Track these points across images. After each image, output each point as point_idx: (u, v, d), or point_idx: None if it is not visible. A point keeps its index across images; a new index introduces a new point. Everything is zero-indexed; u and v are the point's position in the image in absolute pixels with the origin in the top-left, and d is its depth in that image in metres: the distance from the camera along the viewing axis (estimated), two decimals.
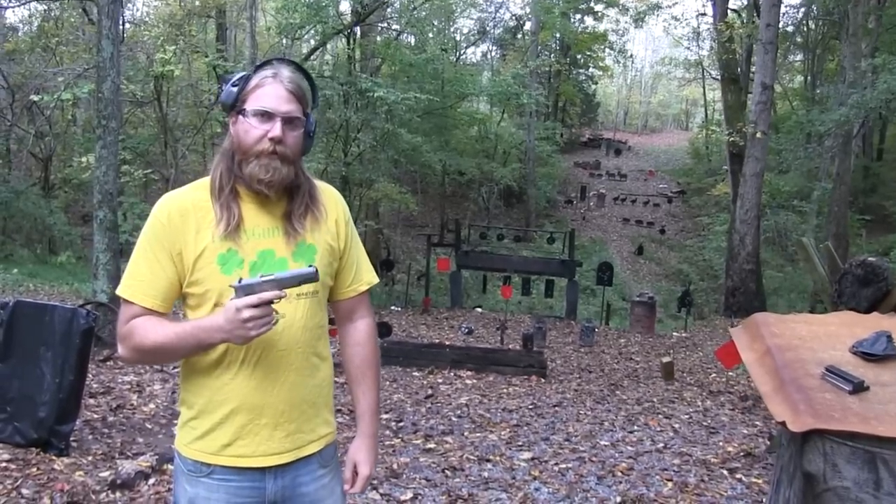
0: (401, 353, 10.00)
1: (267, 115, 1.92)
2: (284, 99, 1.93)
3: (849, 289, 5.57)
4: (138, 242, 2.01)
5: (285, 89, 1.94)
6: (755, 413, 7.95)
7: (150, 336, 1.93)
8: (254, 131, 1.93)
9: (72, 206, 24.75)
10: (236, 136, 1.97)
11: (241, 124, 1.95)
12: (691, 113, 66.05)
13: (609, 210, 35.56)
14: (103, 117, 8.69)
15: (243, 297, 1.80)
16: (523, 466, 5.63)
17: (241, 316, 1.78)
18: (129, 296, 1.98)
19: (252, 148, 1.94)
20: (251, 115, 1.93)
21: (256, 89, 1.94)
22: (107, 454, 5.21)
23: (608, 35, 42.10)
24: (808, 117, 23.10)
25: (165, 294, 1.98)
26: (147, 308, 1.97)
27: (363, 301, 2.26)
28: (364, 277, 2.24)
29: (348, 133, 18.80)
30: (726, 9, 24.92)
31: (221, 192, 1.98)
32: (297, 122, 1.97)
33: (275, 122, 1.92)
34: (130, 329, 1.96)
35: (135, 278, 1.98)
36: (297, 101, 1.96)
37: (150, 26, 21.29)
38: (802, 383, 2.04)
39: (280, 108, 1.93)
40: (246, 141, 1.94)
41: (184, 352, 1.95)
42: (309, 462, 2.08)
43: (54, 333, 5.14)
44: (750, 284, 18.92)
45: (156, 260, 1.97)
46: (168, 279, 1.97)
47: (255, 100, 1.93)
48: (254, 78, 1.96)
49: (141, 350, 1.97)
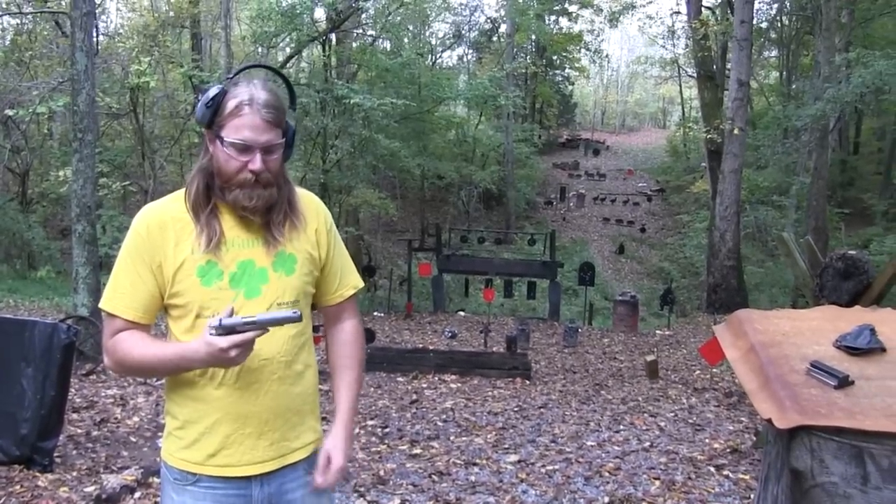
0: (385, 358, 9.98)
1: (246, 148, 1.89)
2: (262, 129, 1.90)
3: (830, 282, 5.60)
4: (119, 255, 2.01)
5: (262, 119, 1.89)
6: (740, 409, 7.99)
7: (133, 354, 1.95)
8: (233, 162, 1.91)
9: (50, 221, 24.57)
10: (216, 161, 1.94)
11: (219, 151, 1.92)
12: (668, 111, 66.43)
13: (589, 210, 35.65)
14: (79, 130, 8.63)
15: (229, 337, 1.79)
16: (510, 469, 5.61)
17: (228, 355, 1.80)
18: (111, 308, 1.98)
19: (234, 178, 1.92)
20: (229, 146, 1.90)
21: (233, 118, 1.89)
22: (91, 469, 5.18)
23: (583, 35, 42.26)
24: (784, 112, 23.28)
25: (147, 306, 1.98)
26: (129, 321, 1.98)
27: (350, 305, 2.26)
28: (350, 282, 2.23)
29: (326, 140, 18.76)
30: (700, 6, 25.07)
31: (201, 209, 1.97)
32: (276, 147, 1.94)
33: (254, 154, 1.90)
34: (115, 344, 1.98)
35: (116, 291, 1.99)
36: (274, 127, 1.93)
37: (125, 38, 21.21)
38: (788, 379, 2.04)
39: (259, 140, 1.89)
40: (226, 170, 1.92)
41: (165, 373, 1.99)
42: (295, 469, 2.08)
43: (35, 349, 5.10)
44: (731, 280, 19.03)
45: (136, 273, 1.97)
46: (149, 292, 1.97)
47: (233, 130, 1.89)
48: (229, 100, 1.91)
49: (124, 365, 2.00)
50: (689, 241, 27.92)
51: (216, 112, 1.92)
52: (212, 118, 1.93)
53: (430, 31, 33.29)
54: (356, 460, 5.75)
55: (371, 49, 21.71)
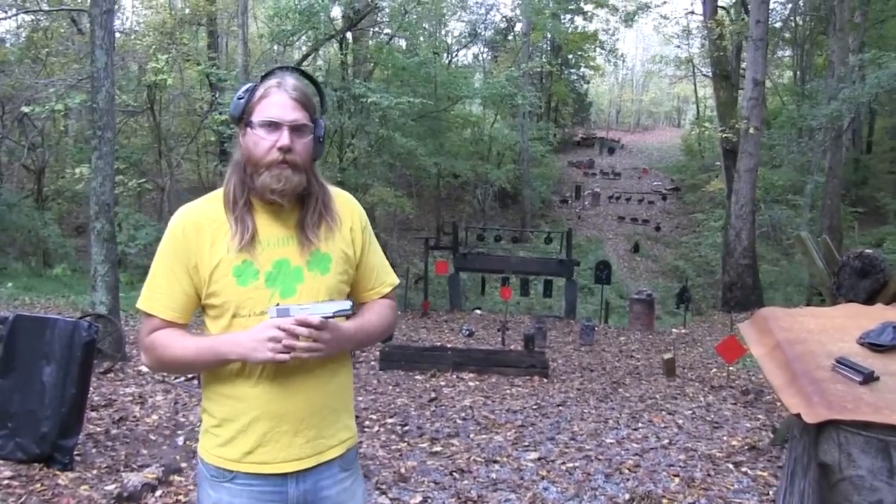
0: (402, 357, 10.01)
1: (274, 125, 1.94)
2: (290, 107, 1.96)
3: (847, 281, 5.60)
4: (156, 255, 2.07)
5: (290, 98, 1.96)
6: (757, 407, 7.99)
7: (171, 350, 2.00)
8: (262, 142, 1.95)
9: (65, 218, 24.61)
10: (246, 148, 2.00)
11: (249, 136, 1.98)
12: (683, 110, 66.23)
13: (604, 209, 35.59)
14: (98, 128, 8.69)
15: (277, 320, 1.87)
16: (531, 467, 5.65)
17: (267, 334, 1.85)
18: (148, 308, 2.04)
19: (262, 159, 1.96)
20: (259, 127, 1.95)
21: (262, 100, 1.97)
22: (111, 467, 5.19)
23: (598, 35, 42.11)
24: (799, 112, 23.18)
25: (184, 306, 2.04)
26: (166, 320, 2.03)
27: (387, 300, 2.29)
28: (386, 280, 2.27)
29: (343, 138, 18.83)
30: (716, 6, 24.96)
31: (235, 204, 2.01)
32: (304, 130, 1.99)
33: (282, 131, 1.94)
34: (152, 342, 2.03)
35: (154, 291, 2.04)
36: (303, 109, 1.98)
37: (142, 35, 21.28)
38: (814, 375, 2.07)
39: (286, 117, 1.95)
40: (256, 153, 1.97)
41: (203, 366, 2.03)
42: (331, 466, 2.11)
43: (55, 347, 5.11)
44: (747, 279, 18.98)
45: (172, 273, 2.02)
46: (185, 292, 2.03)
47: (262, 111, 1.96)
48: (259, 88, 1.99)
49: (162, 362, 2.05)
50: (705, 240, 27.84)
51: (247, 103, 1.98)
52: (243, 110, 1.99)
53: (445, 30, 33.33)
54: (377, 458, 5.80)
55: (387, 47, 21.75)
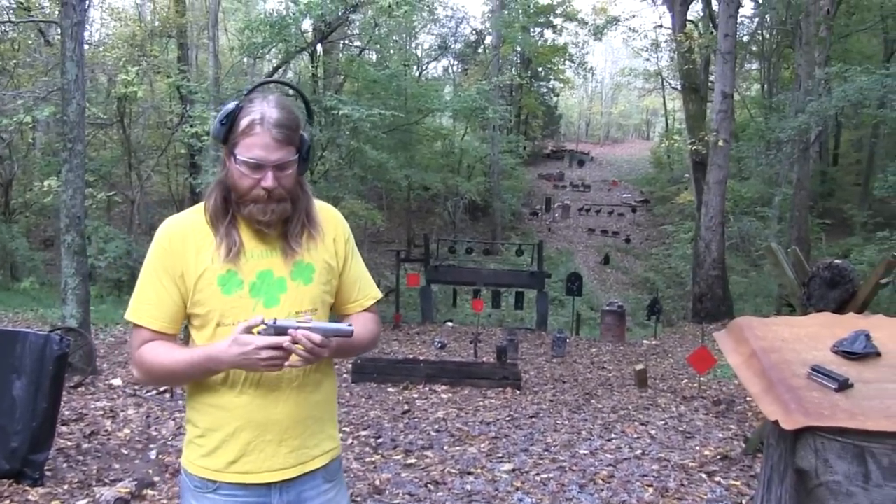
0: (375, 369, 9.99)
1: (257, 166, 1.94)
2: (273, 147, 1.93)
3: (817, 291, 5.70)
4: (143, 267, 2.07)
5: (273, 138, 1.92)
6: (729, 417, 8.05)
7: (160, 361, 2.00)
8: (246, 179, 1.95)
9: (34, 231, 24.42)
10: (231, 177, 1.99)
11: (233, 167, 1.97)
12: (652, 122, 66.83)
13: (574, 221, 35.78)
14: (69, 140, 8.62)
15: (268, 338, 1.86)
16: (505, 478, 5.65)
17: (259, 355, 1.86)
18: (137, 319, 2.04)
19: (247, 194, 1.97)
20: (242, 164, 1.94)
21: (245, 136, 1.93)
22: (83, 482, 5.15)
23: (568, 48, 42.44)
24: (767, 125, 23.48)
25: (172, 316, 2.04)
26: (155, 331, 2.03)
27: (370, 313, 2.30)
28: (369, 293, 2.29)
29: (313, 151, 18.77)
30: (684, 20, 25.26)
31: (219, 221, 2.02)
32: (288, 164, 1.98)
33: (266, 171, 1.94)
34: (142, 353, 2.02)
35: (142, 302, 2.04)
36: (287, 144, 1.96)
37: (111, 48, 21.12)
38: (790, 383, 2.10)
39: (270, 158, 1.93)
40: (240, 186, 1.97)
41: (194, 378, 2.02)
42: (314, 477, 2.12)
43: (26, 361, 5.05)
44: (717, 290, 19.13)
45: (160, 284, 2.03)
46: (173, 302, 2.03)
47: (245, 149, 1.93)
48: (242, 118, 1.95)
49: (153, 374, 2.05)
50: (675, 252, 28.10)
51: (230, 129, 1.96)
52: (226, 135, 1.97)
53: (416, 43, 33.45)
54: (351, 470, 5.78)
55: (358, 60, 21.80)
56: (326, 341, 1.90)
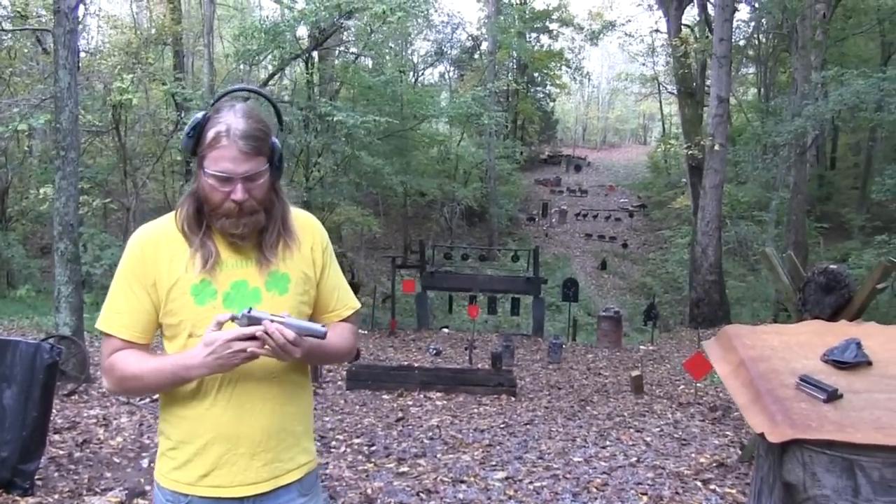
0: (369, 376, 9.94)
1: (226, 178, 1.89)
2: (241, 160, 1.88)
3: (812, 296, 5.66)
4: (115, 276, 2.03)
5: (240, 151, 1.87)
6: (725, 423, 8.01)
7: (130, 370, 1.96)
8: (216, 193, 1.91)
9: (30, 239, 24.36)
10: (202, 189, 1.95)
11: (203, 179, 1.93)
12: (649, 127, 66.79)
13: (571, 226, 35.74)
14: (62, 148, 8.59)
15: (239, 329, 1.83)
16: (498, 486, 5.61)
17: (229, 349, 1.82)
18: (107, 328, 2.01)
19: (218, 208, 1.93)
20: (210, 177, 1.90)
21: (212, 150, 1.89)
22: (74, 491, 5.11)
23: (564, 53, 42.46)
24: (763, 129, 23.46)
25: (144, 326, 2.00)
26: (126, 340, 1.99)
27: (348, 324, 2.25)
28: (347, 303, 2.23)
29: (309, 157, 18.77)
30: (680, 25, 25.29)
31: (193, 232, 1.98)
32: (258, 175, 1.93)
33: (235, 184, 1.89)
34: (112, 363, 1.99)
35: (113, 311, 2.01)
36: (255, 155, 1.91)
37: (107, 55, 21.11)
38: (778, 394, 2.06)
39: (238, 170, 1.89)
40: (211, 199, 1.93)
41: (164, 387, 1.97)
42: (289, 490, 2.08)
43: (16, 369, 5.02)
44: (714, 295, 19.11)
45: (132, 292, 1.99)
46: (146, 311, 1.99)
47: (212, 162, 1.89)
48: (208, 130, 1.90)
49: (123, 383, 2.00)
50: (672, 257, 28.08)
51: (198, 142, 1.92)
52: (194, 147, 1.93)
53: (411, 49, 33.44)
54: (343, 479, 5.73)
55: (354, 66, 21.78)
56: (299, 339, 1.86)
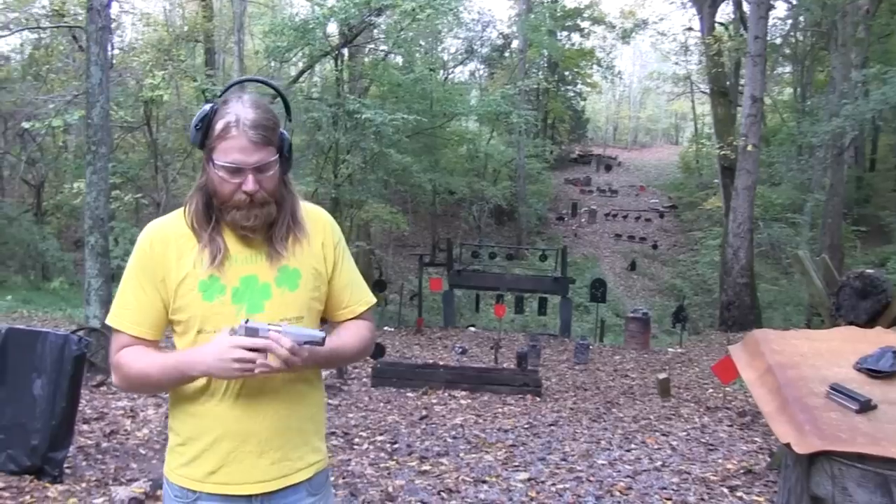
0: (394, 374, 9.94)
1: (236, 170, 1.87)
2: (251, 150, 1.86)
3: (847, 301, 5.52)
4: (125, 271, 2.02)
5: (249, 140, 1.85)
6: (754, 429, 7.89)
7: (136, 367, 1.95)
8: (227, 185, 1.89)
9: (64, 232, 24.77)
10: (211, 182, 1.93)
11: (212, 172, 1.91)
12: (681, 127, 66.23)
13: (601, 226, 35.54)
14: (93, 143, 8.67)
15: (241, 338, 1.80)
16: (520, 487, 5.55)
17: (232, 354, 1.79)
18: (117, 325, 2.00)
19: (229, 200, 1.91)
20: (220, 169, 1.88)
21: (221, 141, 1.87)
22: (100, 481, 5.19)
23: (595, 51, 42.21)
24: (799, 129, 23.14)
25: (153, 322, 1.99)
26: (135, 336, 1.98)
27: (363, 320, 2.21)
28: (361, 298, 2.20)
29: (338, 154, 18.78)
30: (713, 23, 25.02)
31: (202, 227, 1.96)
32: (269, 165, 1.91)
33: (245, 175, 1.87)
34: (119, 358, 1.98)
35: (122, 307, 2.00)
36: (265, 145, 1.89)
37: (139, 52, 21.28)
38: (806, 402, 1.98)
39: (248, 160, 1.86)
40: (221, 191, 1.91)
41: (168, 383, 1.97)
42: (297, 490, 2.05)
43: (46, 360, 5.13)
44: (745, 298, 18.89)
45: (141, 288, 1.97)
46: (155, 307, 1.98)
47: (221, 153, 1.87)
48: (217, 121, 1.88)
49: (129, 379, 1.99)
50: (702, 259, 27.79)
51: (206, 134, 1.90)
52: (203, 140, 1.91)
53: (442, 47, 33.34)
54: (365, 476, 5.71)
55: (383, 64, 21.77)
56: (297, 348, 1.82)
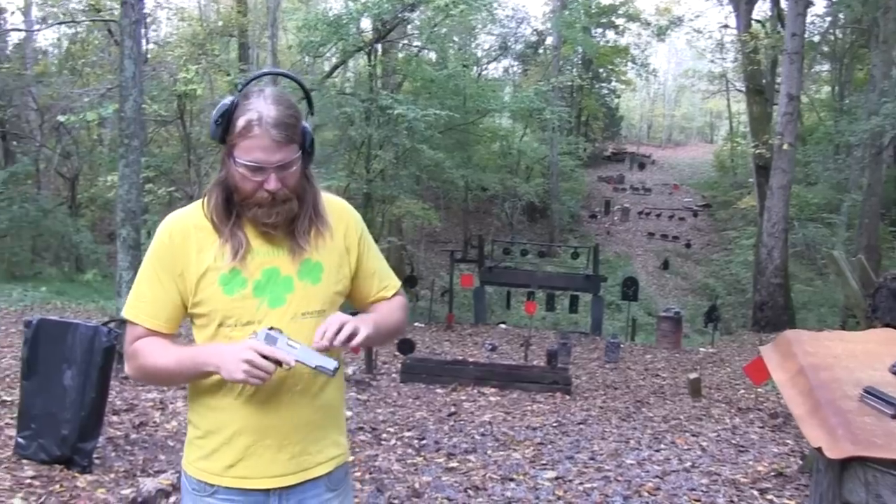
0: (424, 370, 9.92)
1: (259, 168, 1.84)
2: (273, 149, 1.83)
3: (884, 303, 5.41)
4: (143, 263, 2.01)
5: (271, 140, 1.82)
6: (786, 431, 7.78)
7: (151, 359, 1.94)
8: (248, 183, 1.86)
9: (98, 225, 25.06)
10: (232, 178, 1.90)
11: (234, 169, 1.87)
12: (715, 125, 65.62)
13: (634, 224, 35.31)
14: (126, 136, 8.73)
15: (260, 343, 1.80)
16: (547, 486, 5.51)
17: (245, 356, 1.77)
18: (132, 317, 1.98)
19: (251, 197, 1.88)
20: (242, 167, 1.85)
21: (243, 139, 1.83)
22: (129, 472, 5.23)
23: (630, 49, 41.95)
24: (836, 128, 22.81)
25: (169, 315, 1.97)
26: (150, 329, 1.96)
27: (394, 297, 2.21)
28: (388, 283, 2.19)
29: (370, 150, 18.80)
30: (750, 20, 24.73)
31: (223, 222, 1.94)
32: (291, 163, 1.88)
33: (268, 174, 1.84)
34: (135, 350, 1.97)
35: (139, 299, 1.98)
36: (287, 144, 1.85)
37: (174, 46, 21.46)
38: (839, 405, 1.91)
39: (271, 160, 1.83)
40: (243, 188, 1.88)
41: (182, 376, 1.97)
42: (316, 484, 2.03)
43: (76, 351, 5.18)
44: (778, 299, 18.68)
45: (158, 281, 1.95)
46: (171, 300, 1.96)
47: (244, 151, 1.84)
48: (238, 117, 1.84)
49: (143, 371, 1.99)
50: (736, 258, 27.52)
51: (226, 129, 1.87)
52: (223, 135, 1.88)
53: (475, 43, 33.26)
54: (391, 472, 5.69)
55: (416, 60, 21.77)
56: None
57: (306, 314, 1.95)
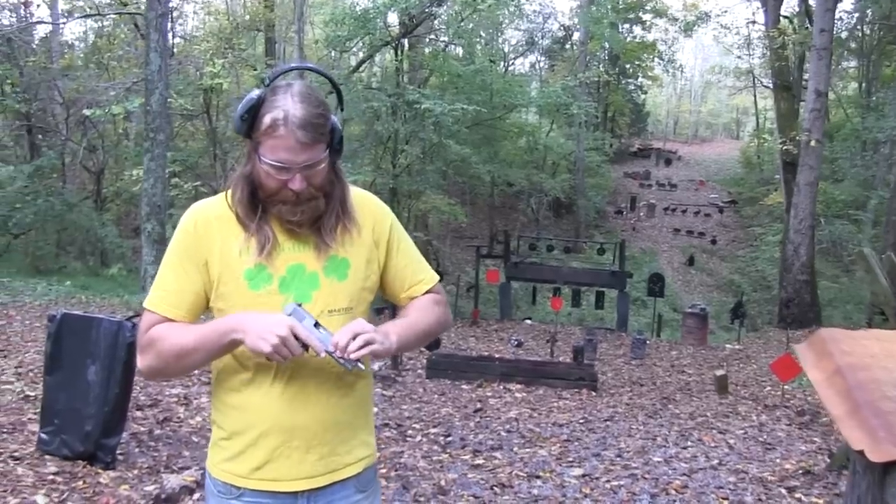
0: (449, 365, 9.90)
1: (284, 168, 1.79)
2: (299, 150, 1.77)
3: None
4: (166, 253, 1.97)
5: (297, 140, 1.76)
6: (813, 429, 7.70)
7: (170, 342, 1.85)
8: (273, 181, 1.82)
9: (123, 219, 25.11)
10: (257, 175, 1.85)
11: (259, 166, 1.83)
12: (742, 122, 65.22)
13: (659, 220, 35.15)
14: (151, 130, 8.78)
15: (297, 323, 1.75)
16: (574, 483, 5.48)
17: (278, 331, 1.71)
18: (154, 307, 1.92)
19: (275, 195, 1.84)
20: (267, 166, 1.80)
21: (268, 137, 1.78)
22: (152, 468, 5.18)
23: (657, 45, 41.72)
24: (864, 125, 22.58)
25: (190, 306, 1.92)
26: (170, 320, 1.90)
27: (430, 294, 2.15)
28: (422, 278, 2.13)
29: (396, 144, 18.83)
30: (778, 15, 24.48)
31: (249, 217, 1.90)
32: (318, 163, 1.83)
33: (293, 173, 1.80)
34: (151, 336, 1.88)
35: (161, 289, 1.93)
36: (313, 144, 1.79)
37: (200, 41, 21.55)
38: (880, 406, 1.88)
39: (297, 160, 1.78)
40: (267, 186, 1.84)
41: (202, 353, 1.86)
42: (345, 486, 1.99)
43: (100, 346, 5.11)
44: (804, 296, 18.53)
45: (183, 271, 1.91)
46: (195, 291, 1.91)
47: (269, 150, 1.78)
48: (264, 114, 1.79)
49: (160, 357, 1.88)
50: (762, 255, 27.34)
51: (252, 125, 1.81)
52: (249, 130, 1.82)
53: (502, 38, 33.23)
54: (417, 468, 5.69)
55: (443, 55, 21.76)
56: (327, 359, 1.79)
57: (333, 311, 1.91)
